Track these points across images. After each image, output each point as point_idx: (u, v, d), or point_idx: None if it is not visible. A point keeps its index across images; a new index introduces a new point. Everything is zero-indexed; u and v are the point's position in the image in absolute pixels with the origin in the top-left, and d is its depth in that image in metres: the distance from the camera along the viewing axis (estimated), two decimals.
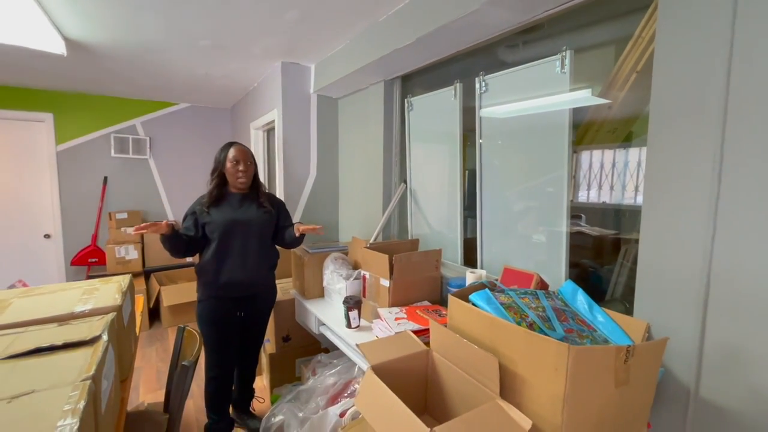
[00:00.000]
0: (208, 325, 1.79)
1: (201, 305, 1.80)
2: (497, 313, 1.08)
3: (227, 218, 1.77)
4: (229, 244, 1.77)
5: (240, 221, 1.79)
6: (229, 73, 3.02)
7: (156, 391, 2.54)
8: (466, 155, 1.99)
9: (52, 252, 3.77)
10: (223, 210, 1.78)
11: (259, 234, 1.84)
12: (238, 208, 1.81)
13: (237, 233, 1.77)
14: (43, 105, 3.60)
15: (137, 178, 4.08)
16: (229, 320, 1.82)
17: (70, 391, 0.69)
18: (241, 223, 1.78)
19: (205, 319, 1.79)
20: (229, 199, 1.82)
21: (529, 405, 0.91)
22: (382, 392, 0.97)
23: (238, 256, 1.78)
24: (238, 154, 1.79)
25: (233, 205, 1.81)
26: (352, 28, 2.11)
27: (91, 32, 2.21)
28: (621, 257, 1.70)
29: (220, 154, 1.81)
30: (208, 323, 1.79)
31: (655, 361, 0.91)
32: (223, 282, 1.76)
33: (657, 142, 1.03)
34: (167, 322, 3.55)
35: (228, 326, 1.82)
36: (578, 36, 1.55)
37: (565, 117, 1.41)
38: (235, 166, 1.78)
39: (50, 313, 1.06)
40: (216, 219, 1.75)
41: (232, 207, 1.81)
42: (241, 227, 1.78)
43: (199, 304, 1.81)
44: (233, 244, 1.77)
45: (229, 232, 1.76)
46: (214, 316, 1.79)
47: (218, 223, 1.75)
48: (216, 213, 1.76)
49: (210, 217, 1.75)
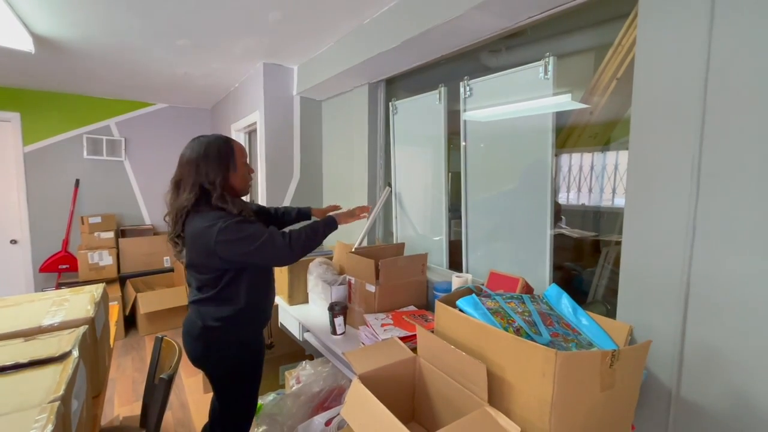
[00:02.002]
0: (258, 366, 1.47)
1: (248, 348, 1.42)
2: (484, 318, 1.08)
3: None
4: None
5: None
6: (209, 73, 2.94)
7: (132, 403, 2.44)
8: (450, 158, 1.99)
9: (19, 258, 3.59)
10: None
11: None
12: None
13: None
14: (9, 104, 3.42)
15: (112, 181, 3.93)
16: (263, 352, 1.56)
17: (37, 414, 0.64)
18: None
19: (257, 361, 1.47)
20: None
21: (517, 411, 0.91)
22: (370, 402, 0.95)
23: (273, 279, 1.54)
24: (245, 151, 1.44)
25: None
26: (337, 30, 2.08)
27: (60, 28, 2.11)
28: (602, 259, 1.73)
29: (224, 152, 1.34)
30: (260, 365, 1.48)
31: (639, 364, 0.93)
32: (265, 307, 1.48)
33: (638, 146, 1.05)
34: (144, 330, 3.43)
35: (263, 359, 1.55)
36: (560, 42, 1.57)
37: (549, 121, 1.42)
38: (248, 167, 1.43)
39: (15, 327, 1.00)
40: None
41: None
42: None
43: (246, 347, 1.41)
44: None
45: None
46: (261, 354, 1.50)
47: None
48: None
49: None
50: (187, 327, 1.39)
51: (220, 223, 1.23)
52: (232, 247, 1.24)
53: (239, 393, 1.44)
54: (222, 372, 1.39)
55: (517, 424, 0.86)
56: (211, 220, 1.25)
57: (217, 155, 1.33)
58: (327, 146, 2.92)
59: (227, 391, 1.43)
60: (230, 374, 1.39)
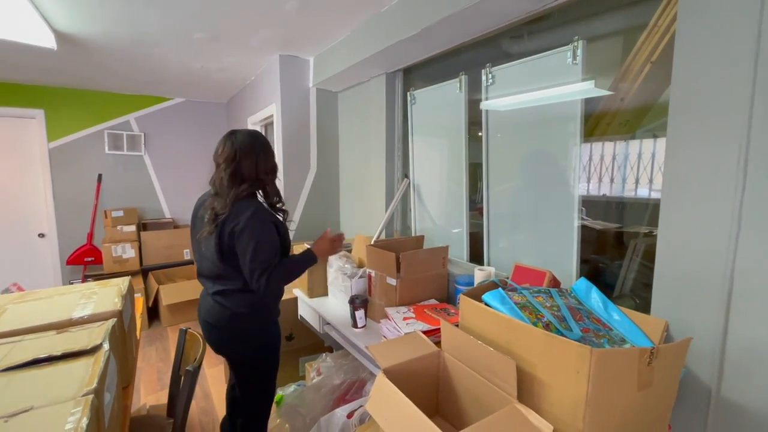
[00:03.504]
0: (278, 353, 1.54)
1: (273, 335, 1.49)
2: (512, 313, 1.05)
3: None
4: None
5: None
6: (225, 67, 2.94)
7: (157, 392, 2.50)
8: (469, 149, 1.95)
9: (47, 251, 3.70)
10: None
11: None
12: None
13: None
14: (34, 101, 3.51)
15: (132, 175, 4.00)
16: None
17: (72, 408, 0.65)
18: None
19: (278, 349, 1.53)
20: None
21: (548, 409, 0.89)
22: (396, 397, 0.94)
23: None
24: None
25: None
26: (354, 19, 2.04)
27: (82, 25, 2.13)
28: (630, 252, 1.67)
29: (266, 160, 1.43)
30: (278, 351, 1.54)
31: (679, 362, 0.89)
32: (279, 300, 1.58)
33: (677, 135, 1.00)
34: (166, 321, 3.51)
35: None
36: (585, 26, 1.50)
37: (577, 108, 1.37)
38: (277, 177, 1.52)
39: (47, 319, 1.02)
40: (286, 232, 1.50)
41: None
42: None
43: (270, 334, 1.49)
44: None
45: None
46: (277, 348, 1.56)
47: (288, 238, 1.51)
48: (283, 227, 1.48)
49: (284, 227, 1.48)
50: (213, 317, 1.43)
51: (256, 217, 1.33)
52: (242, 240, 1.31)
53: (260, 379, 1.51)
54: (247, 358, 1.45)
55: (548, 422, 0.84)
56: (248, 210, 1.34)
57: (269, 151, 1.45)
58: (343, 138, 2.90)
59: (250, 377, 1.49)
60: (254, 359, 1.45)
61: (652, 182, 1.64)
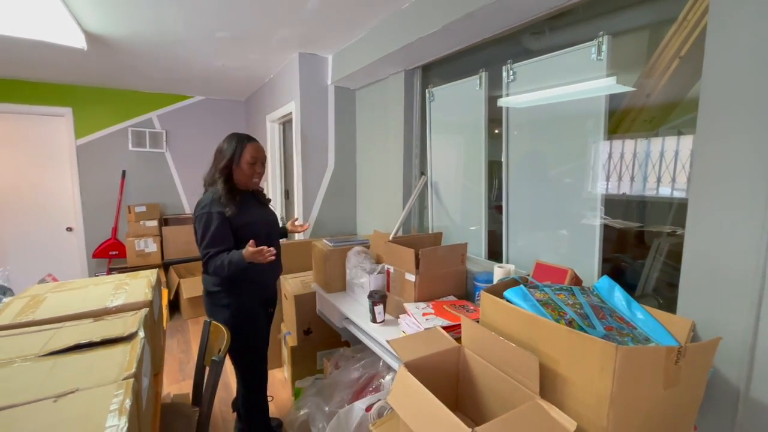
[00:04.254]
0: (251, 335, 1.69)
1: (241, 312, 1.65)
2: (534, 310, 1.05)
3: (260, 219, 1.69)
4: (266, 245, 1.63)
5: (268, 222, 1.75)
6: (245, 65, 3.00)
7: (179, 382, 2.58)
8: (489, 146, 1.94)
9: (75, 245, 3.85)
10: (250, 211, 1.67)
11: (278, 234, 1.85)
12: (258, 208, 1.75)
13: (269, 234, 1.73)
14: (63, 99, 3.64)
15: (154, 172, 4.11)
16: (266, 320, 1.81)
17: (115, 390, 0.68)
18: (270, 224, 1.76)
19: (251, 325, 1.69)
20: (244, 197, 1.68)
21: (571, 405, 0.89)
22: (418, 390, 0.95)
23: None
24: (258, 154, 1.65)
25: (252, 205, 1.72)
26: (374, 17, 2.06)
27: (110, 25, 2.20)
28: (653, 251, 1.64)
29: (236, 148, 1.62)
30: (255, 329, 1.70)
31: (706, 361, 0.88)
32: (263, 284, 1.75)
33: (707, 132, 0.98)
34: (187, 314, 3.60)
35: (265, 328, 1.80)
36: (608, 21, 1.48)
37: (601, 105, 1.35)
38: (252, 167, 1.64)
39: (85, 308, 1.07)
40: (252, 221, 1.64)
41: (253, 207, 1.71)
42: (271, 228, 1.76)
43: (238, 311, 1.65)
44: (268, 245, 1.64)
45: (265, 234, 1.68)
46: (259, 323, 1.73)
47: (255, 224, 1.65)
48: (248, 215, 1.64)
49: (243, 219, 1.61)
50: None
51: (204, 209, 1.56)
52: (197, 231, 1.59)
53: (244, 352, 1.69)
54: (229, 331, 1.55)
55: (571, 418, 0.84)
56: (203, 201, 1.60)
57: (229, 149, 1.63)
58: (361, 136, 2.92)
59: (235, 349, 1.65)
60: (233, 333, 1.55)
61: (674, 181, 1.61)
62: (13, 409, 0.64)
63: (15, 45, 2.47)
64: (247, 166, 1.63)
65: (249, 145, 1.64)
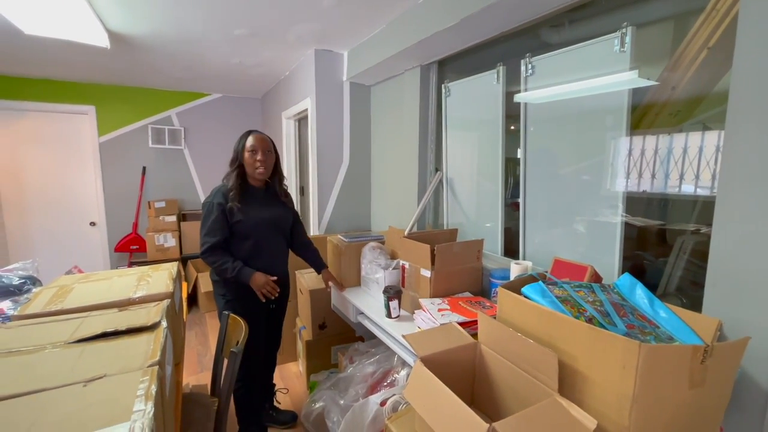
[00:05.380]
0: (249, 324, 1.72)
1: (232, 303, 1.71)
2: (553, 306, 1.03)
3: (260, 218, 1.71)
4: (262, 244, 1.72)
5: (270, 220, 1.75)
6: (261, 62, 3.03)
7: (197, 373, 2.64)
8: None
9: (98, 239, 3.97)
10: (252, 207, 1.70)
11: (284, 232, 1.85)
12: (265, 204, 1.76)
13: (269, 232, 1.75)
14: (86, 98, 3.75)
15: (173, 168, 4.20)
16: (261, 313, 1.80)
17: (141, 376, 0.70)
18: (271, 222, 1.76)
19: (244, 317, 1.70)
20: (252, 193, 1.73)
21: (591, 403, 0.87)
22: (434, 384, 0.95)
23: (269, 256, 1.76)
24: (255, 142, 1.69)
25: (259, 202, 1.74)
26: (391, 12, 2.05)
27: (133, 25, 2.25)
28: (677, 249, 1.60)
29: (238, 143, 1.72)
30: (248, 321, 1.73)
31: (734, 362, 0.85)
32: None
33: (737, 126, 0.94)
34: (204, 308, 3.68)
35: (260, 320, 1.79)
36: (630, 13, 1.43)
37: (624, 99, 1.31)
38: (253, 156, 1.68)
39: (110, 298, 1.10)
40: (249, 219, 1.68)
41: (259, 204, 1.74)
42: (272, 226, 1.76)
43: (229, 303, 1.72)
44: (265, 243, 1.73)
45: (263, 232, 1.72)
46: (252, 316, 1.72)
47: (253, 223, 1.69)
48: (247, 211, 1.68)
49: (241, 216, 1.66)
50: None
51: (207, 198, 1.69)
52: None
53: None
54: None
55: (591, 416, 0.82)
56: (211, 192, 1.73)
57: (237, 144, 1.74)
58: (376, 131, 2.92)
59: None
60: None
61: (698, 178, 1.56)
62: (45, 392, 0.67)
63: (43, 45, 2.55)
64: (248, 155, 1.69)
65: (250, 135, 1.73)
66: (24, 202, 3.67)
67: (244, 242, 1.70)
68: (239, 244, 1.70)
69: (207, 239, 1.64)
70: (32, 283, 1.46)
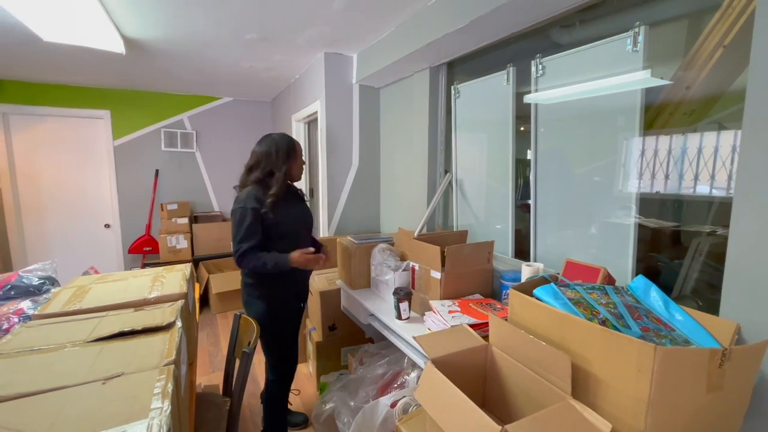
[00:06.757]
0: (284, 326, 1.77)
1: (274, 303, 1.71)
2: (565, 309, 1.02)
3: (294, 218, 1.75)
4: (296, 242, 1.72)
5: (303, 217, 1.82)
6: (272, 66, 3.06)
7: (209, 374, 2.67)
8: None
9: (112, 241, 4.04)
10: (286, 209, 1.70)
11: (311, 228, 1.90)
12: (295, 205, 1.80)
13: (301, 230, 1.80)
14: (102, 103, 3.83)
15: (185, 171, 4.27)
16: (297, 315, 1.87)
17: (157, 375, 0.71)
18: (303, 221, 1.82)
19: (285, 316, 1.77)
20: (287, 194, 1.75)
21: (605, 407, 0.86)
22: (445, 386, 0.95)
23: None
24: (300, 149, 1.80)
25: (291, 203, 1.77)
26: (400, 14, 2.06)
27: (147, 30, 2.30)
28: (692, 251, 1.57)
29: (288, 146, 1.72)
30: (289, 320, 1.80)
31: (753, 366, 0.83)
32: (296, 278, 1.77)
33: (754, 124, 0.92)
34: (216, 309, 3.72)
35: (298, 319, 1.87)
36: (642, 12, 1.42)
37: (636, 99, 1.30)
38: (302, 163, 1.82)
39: (126, 298, 1.13)
40: (285, 220, 1.68)
41: (290, 205, 1.76)
42: (304, 225, 1.82)
43: (271, 303, 1.71)
44: (298, 241, 1.74)
45: (297, 231, 1.76)
46: (291, 315, 1.81)
47: (289, 224, 1.71)
48: (285, 212, 1.69)
49: (276, 219, 1.65)
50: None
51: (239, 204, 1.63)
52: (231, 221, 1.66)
53: (272, 343, 1.77)
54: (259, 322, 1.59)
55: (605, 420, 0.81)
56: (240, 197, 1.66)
57: (285, 150, 1.73)
58: (385, 133, 2.93)
59: (264, 339, 1.74)
60: (263, 325, 1.64)
61: (714, 179, 1.53)
62: (66, 389, 0.68)
63: (61, 52, 2.62)
64: (300, 161, 1.79)
65: (296, 143, 1.80)
66: (41, 205, 3.77)
67: (279, 242, 1.68)
68: (273, 245, 1.67)
69: (242, 244, 1.61)
70: (51, 284, 1.49)
